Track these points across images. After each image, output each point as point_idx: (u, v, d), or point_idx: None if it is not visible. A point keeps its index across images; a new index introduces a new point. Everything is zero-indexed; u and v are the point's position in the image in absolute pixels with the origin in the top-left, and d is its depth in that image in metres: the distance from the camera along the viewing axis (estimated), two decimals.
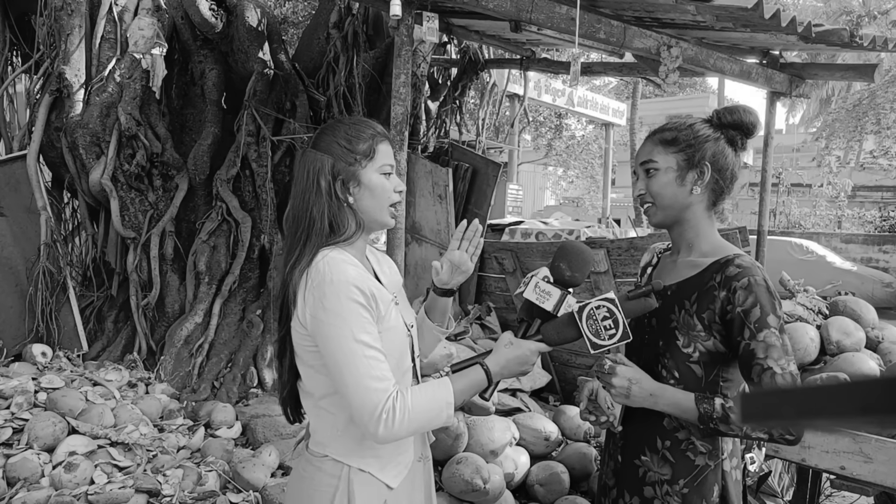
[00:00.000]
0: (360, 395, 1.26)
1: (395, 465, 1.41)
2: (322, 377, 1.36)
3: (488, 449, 2.99)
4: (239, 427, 3.87)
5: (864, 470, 2.04)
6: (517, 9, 3.43)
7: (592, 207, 25.40)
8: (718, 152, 1.48)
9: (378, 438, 1.27)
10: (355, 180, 1.39)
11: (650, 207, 1.52)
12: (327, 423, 1.39)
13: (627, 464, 1.53)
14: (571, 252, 1.44)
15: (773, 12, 3.40)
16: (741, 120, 1.49)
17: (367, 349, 1.28)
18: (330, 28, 5.25)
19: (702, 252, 1.51)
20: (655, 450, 1.47)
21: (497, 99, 7.64)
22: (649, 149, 1.52)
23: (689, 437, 1.44)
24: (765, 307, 1.36)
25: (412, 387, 1.33)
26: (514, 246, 5.38)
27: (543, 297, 1.40)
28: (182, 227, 4.85)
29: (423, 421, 1.30)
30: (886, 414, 0.39)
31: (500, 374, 1.39)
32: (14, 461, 2.83)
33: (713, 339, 1.42)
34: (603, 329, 1.35)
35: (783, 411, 0.45)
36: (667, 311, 1.48)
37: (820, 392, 0.42)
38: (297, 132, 5.05)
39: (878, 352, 3.11)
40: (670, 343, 1.46)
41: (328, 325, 1.29)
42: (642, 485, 1.49)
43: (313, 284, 1.31)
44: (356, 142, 1.40)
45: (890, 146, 18.37)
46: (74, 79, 4.34)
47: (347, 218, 1.40)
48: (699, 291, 1.44)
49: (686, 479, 1.44)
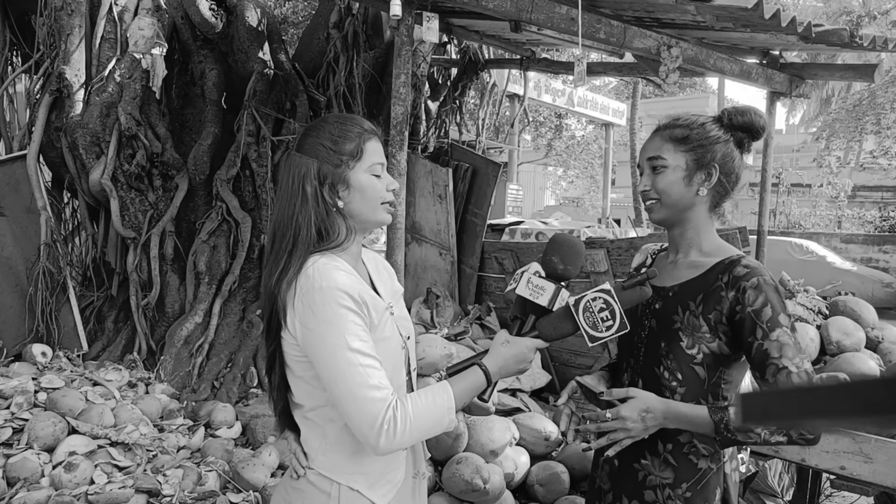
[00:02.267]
0: (357, 407, 1.20)
1: (383, 483, 1.34)
2: (311, 388, 1.31)
3: (488, 449, 2.99)
4: (239, 427, 3.86)
5: (864, 470, 2.04)
6: (517, 9, 3.43)
7: (592, 207, 25.41)
8: (727, 154, 1.46)
9: (379, 450, 1.21)
10: (343, 183, 1.32)
11: (654, 204, 1.49)
12: (316, 435, 1.34)
13: (626, 467, 1.49)
14: (563, 245, 1.42)
15: (773, 12, 3.40)
16: (752, 122, 1.46)
17: (363, 357, 1.22)
18: (330, 28, 5.25)
19: (703, 252, 1.48)
20: (656, 453, 1.44)
21: (497, 99, 7.64)
22: (658, 144, 1.48)
23: (691, 439, 1.42)
24: (775, 306, 1.34)
25: (411, 394, 1.28)
26: (514, 246, 5.38)
27: (537, 292, 1.37)
28: (182, 227, 4.85)
29: (424, 429, 1.25)
30: (886, 414, 0.39)
31: (499, 374, 1.35)
32: (14, 461, 2.83)
33: (718, 341, 1.40)
34: (600, 321, 1.33)
35: (783, 411, 0.45)
36: (669, 312, 1.45)
37: (820, 392, 0.42)
38: (297, 132, 5.05)
39: (877, 352, 3.11)
40: (673, 345, 1.43)
41: (319, 334, 1.23)
42: (642, 489, 1.46)
43: (302, 292, 1.25)
44: (342, 142, 1.32)
45: (890, 146, 18.37)
46: (74, 79, 4.34)
47: (337, 223, 1.33)
48: (705, 292, 1.41)
49: (689, 483, 1.41)
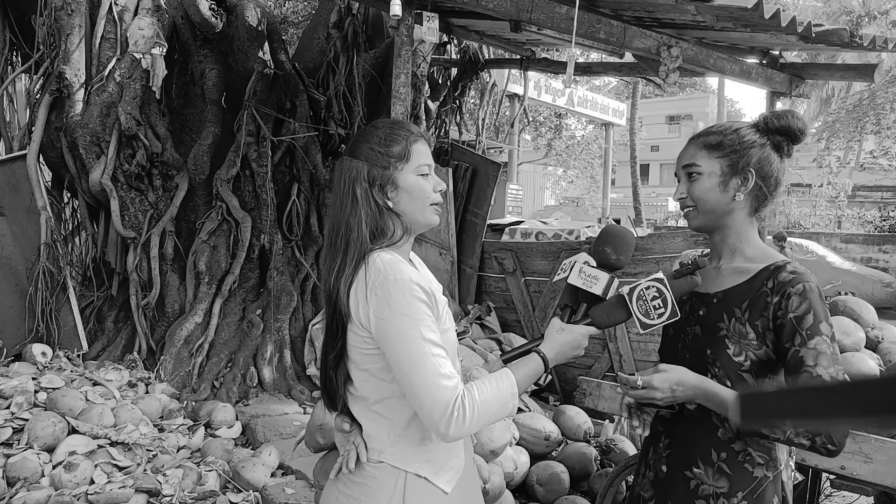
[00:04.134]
0: (431, 395, 1.24)
1: (447, 469, 1.39)
2: (378, 381, 1.34)
3: (488, 449, 2.99)
4: (239, 427, 3.87)
5: (864, 470, 2.04)
6: (517, 9, 3.43)
7: (592, 207, 25.40)
8: (764, 158, 1.45)
9: (448, 437, 1.25)
10: (392, 184, 1.37)
11: (691, 211, 1.49)
12: (382, 427, 1.36)
13: (675, 475, 1.47)
14: (616, 236, 1.46)
15: (773, 12, 3.40)
16: (789, 125, 1.45)
17: (435, 347, 1.27)
18: (330, 28, 5.25)
19: (747, 258, 1.47)
20: (710, 462, 1.42)
21: (497, 99, 7.64)
22: (693, 152, 1.48)
23: (745, 448, 1.40)
24: (818, 314, 1.34)
25: (475, 381, 1.31)
26: (514, 246, 5.38)
27: (591, 281, 1.42)
28: (182, 227, 4.85)
29: (491, 415, 1.28)
30: (886, 414, 0.39)
31: (556, 360, 1.40)
32: (14, 461, 2.83)
33: (765, 348, 1.39)
34: (652, 308, 1.38)
35: (783, 411, 0.45)
36: (714, 318, 1.45)
37: (820, 392, 0.42)
38: (297, 132, 5.05)
39: (877, 352, 3.11)
40: (719, 352, 1.42)
41: (395, 325, 1.27)
42: (694, 498, 1.43)
43: (375, 285, 1.28)
44: (390, 144, 1.37)
45: (890, 146, 18.38)
46: (74, 79, 4.34)
47: (391, 222, 1.38)
48: (750, 299, 1.41)
49: (745, 492, 1.39)
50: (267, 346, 4.64)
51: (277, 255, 4.92)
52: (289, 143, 5.04)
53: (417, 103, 5.94)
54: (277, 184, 5.11)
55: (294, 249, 5.11)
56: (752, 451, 1.40)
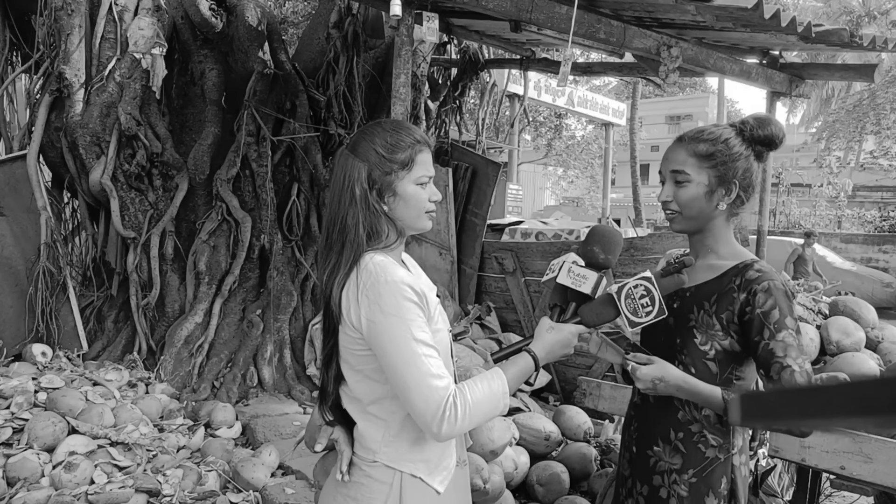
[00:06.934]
0: (422, 395, 1.25)
1: (441, 469, 1.40)
2: (372, 382, 1.35)
3: (488, 449, 2.99)
4: (239, 427, 3.87)
5: (864, 470, 2.04)
6: (517, 9, 3.43)
7: (592, 207, 25.42)
8: (747, 170, 1.50)
9: (441, 437, 1.26)
10: (391, 190, 1.37)
11: (674, 216, 1.55)
12: (377, 428, 1.37)
13: (641, 454, 1.59)
14: (603, 235, 1.49)
15: (773, 12, 3.40)
16: (773, 135, 1.50)
17: (426, 347, 1.28)
18: (330, 28, 5.25)
19: (719, 256, 1.55)
20: (668, 440, 1.53)
21: (497, 99, 7.64)
22: (683, 158, 1.51)
23: (701, 430, 1.50)
24: (783, 310, 1.41)
25: (467, 381, 1.32)
26: (514, 246, 5.38)
27: (579, 280, 1.44)
28: (182, 227, 4.85)
29: (482, 414, 1.30)
30: (886, 414, 0.39)
31: (546, 359, 1.42)
32: (14, 461, 2.83)
33: (730, 339, 1.48)
34: (640, 307, 1.42)
35: (783, 411, 0.45)
36: (685, 310, 1.53)
37: (820, 392, 0.42)
38: (297, 132, 5.05)
39: (877, 352, 3.10)
40: (687, 341, 1.51)
41: (386, 326, 1.27)
42: (652, 474, 1.55)
43: (366, 287, 1.29)
44: (395, 150, 1.36)
45: (890, 146, 18.38)
46: (74, 79, 4.34)
47: (385, 225, 1.38)
48: (718, 293, 1.49)
49: (695, 470, 1.49)
50: (267, 346, 4.65)
51: (277, 255, 4.92)
52: (289, 143, 5.04)
53: (417, 103, 5.94)
54: (277, 184, 5.11)
55: (294, 249, 5.11)
56: (707, 434, 1.49)
